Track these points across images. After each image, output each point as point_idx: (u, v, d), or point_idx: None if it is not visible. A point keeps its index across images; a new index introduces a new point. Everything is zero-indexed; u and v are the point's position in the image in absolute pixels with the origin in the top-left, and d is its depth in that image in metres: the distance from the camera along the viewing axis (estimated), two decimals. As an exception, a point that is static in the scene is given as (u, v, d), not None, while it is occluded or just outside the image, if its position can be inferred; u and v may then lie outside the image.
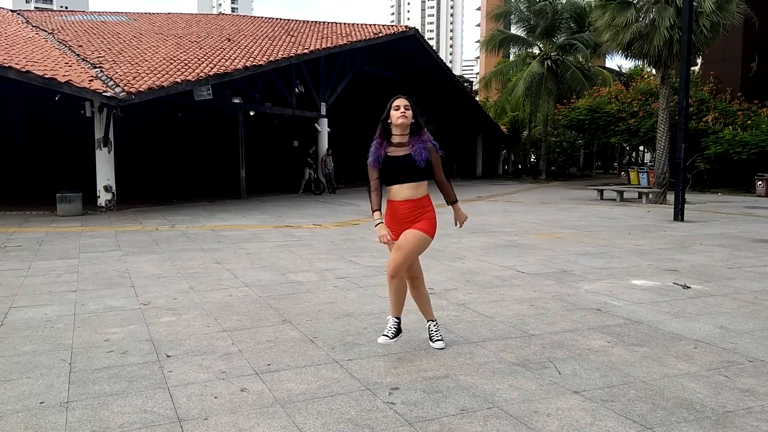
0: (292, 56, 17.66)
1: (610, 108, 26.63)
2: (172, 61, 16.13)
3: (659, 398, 3.18)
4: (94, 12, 28.29)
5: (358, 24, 24.24)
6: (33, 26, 20.20)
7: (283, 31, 22.66)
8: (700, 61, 26.56)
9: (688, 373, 3.56)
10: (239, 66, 15.82)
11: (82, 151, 18.44)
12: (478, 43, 41.37)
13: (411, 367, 3.64)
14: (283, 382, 3.40)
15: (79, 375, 3.51)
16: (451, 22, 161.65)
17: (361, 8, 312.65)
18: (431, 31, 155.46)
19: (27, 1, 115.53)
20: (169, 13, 28.58)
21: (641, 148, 39.26)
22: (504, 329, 4.45)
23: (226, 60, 16.60)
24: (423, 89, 27.27)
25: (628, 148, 40.57)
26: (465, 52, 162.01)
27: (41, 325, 4.56)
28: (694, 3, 13.91)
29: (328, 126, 21.69)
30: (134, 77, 14.15)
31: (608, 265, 7.20)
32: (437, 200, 3.91)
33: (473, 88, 46.43)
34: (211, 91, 15.37)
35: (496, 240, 9.31)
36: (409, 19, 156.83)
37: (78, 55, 16.02)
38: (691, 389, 3.30)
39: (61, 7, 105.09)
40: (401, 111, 3.70)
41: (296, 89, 20.32)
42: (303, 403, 3.11)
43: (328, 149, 21.34)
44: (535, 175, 34.49)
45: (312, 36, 21.31)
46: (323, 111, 21.38)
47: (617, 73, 34.64)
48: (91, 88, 12.80)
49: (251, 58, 16.86)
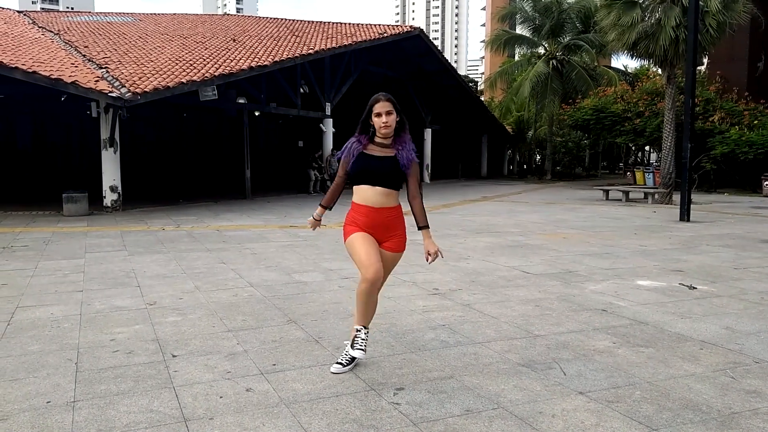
0: (296, 56, 17.68)
1: (616, 108, 26.55)
2: (177, 62, 16.18)
3: (665, 399, 3.17)
4: (100, 13, 28.40)
5: (362, 24, 24.25)
6: (39, 27, 20.29)
7: (288, 31, 22.70)
8: (706, 60, 26.40)
9: (694, 374, 3.55)
10: (244, 66, 15.85)
11: (88, 152, 18.53)
12: (483, 43, 41.28)
13: (416, 367, 3.64)
14: (288, 382, 3.41)
15: (86, 374, 3.52)
16: (456, 22, 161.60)
17: (365, 8, 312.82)
18: (436, 31, 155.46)
19: (33, 2, 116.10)
20: (174, 14, 28.66)
21: (647, 148, 39.12)
22: (509, 330, 4.44)
23: (231, 60, 16.63)
24: (428, 89, 27.26)
25: (633, 148, 40.47)
26: (470, 52, 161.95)
27: (48, 324, 4.58)
28: (701, 2, 13.85)
29: (333, 126, 21.71)
30: (140, 78, 14.20)
31: (614, 265, 7.18)
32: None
33: (478, 88, 46.37)
34: (216, 92, 15.39)
35: (501, 240, 9.30)
36: (414, 19, 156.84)
37: (84, 55, 16.08)
38: (697, 390, 3.29)
39: (67, 7, 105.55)
40: (383, 120, 3.34)
41: (301, 89, 20.35)
42: (308, 403, 3.11)
43: (333, 150, 21.35)
44: (541, 175, 34.42)
45: (317, 36, 21.34)
46: (328, 111, 21.40)
47: (623, 73, 34.52)
48: (97, 88, 12.85)
49: (256, 59, 16.89)
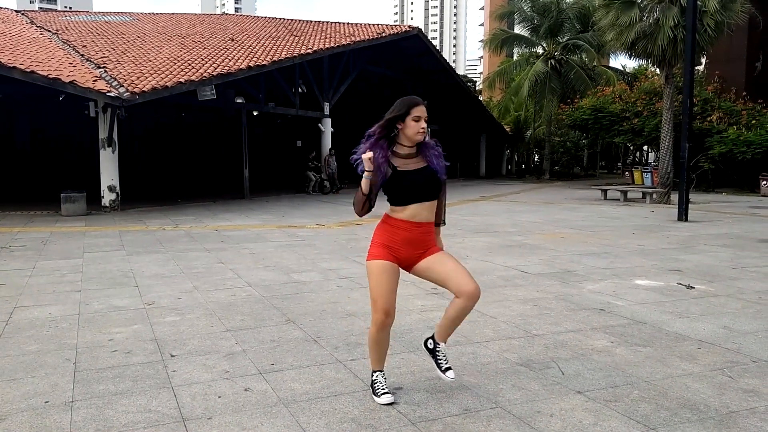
0: (295, 56, 17.67)
1: (614, 108, 26.57)
2: (175, 61, 16.17)
3: (663, 398, 3.18)
4: (98, 12, 28.36)
5: (361, 24, 24.24)
6: (37, 26, 20.27)
7: (287, 31, 22.69)
8: (704, 60, 26.43)
9: (692, 373, 3.55)
10: (242, 66, 15.85)
11: (86, 152, 18.50)
12: (481, 43, 41.24)
13: (414, 367, 3.65)
14: (286, 381, 3.41)
15: (84, 374, 3.52)
16: (455, 22, 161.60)
17: (364, 8, 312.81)
18: (434, 30, 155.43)
19: (31, 2, 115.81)
20: (172, 14, 28.63)
21: (645, 147, 39.16)
22: (507, 329, 4.45)
23: (230, 60, 16.63)
24: (426, 89, 27.25)
25: (632, 147, 40.51)
26: (468, 52, 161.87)
27: (46, 324, 4.58)
28: (699, 2, 13.86)
29: (332, 126, 21.71)
30: (138, 77, 14.19)
31: (612, 265, 7.19)
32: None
33: (477, 88, 46.38)
34: (214, 91, 15.39)
35: (500, 240, 9.30)
36: (412, 18, 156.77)
37: (82, 55, 16.07)
38: (695, 389, 3.30)
39: (65, 7, 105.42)
40: (422, 125, 2.99)
41: (299, 89, 20.35)
42: (306, 403, 3.12)
43: (330, 149, 21.34)
44: (539, 175, 34.44)
45: (315, 36, 21.33)
46: (326, 111, 21.40)
47: (621, 73, 34.55)
48: (95, 88, 12.84)
49: (254, 58, 16.89)
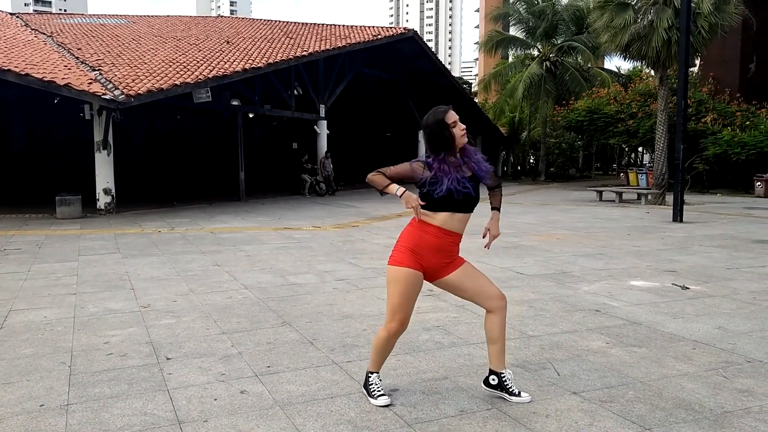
0: (290, 58, 17.67)
1: (609, 109, 26.66)
2: (171, 64, 16.15)
3: (658, 399, 3.19)
4: (93, 15, 28.31)
5: (356, 26, 24.25)
6: (32, 29, 20.21)
7: (282, 33, 22.69)
8: (698, 62, 26.57)
9: (687, 373, 3.57)
10: (238, 68, 15.83)
11: (81, 154, 18.44)
12: (476, 45, 41.34)
13: (410, 368, 3.65)
14: (282, 383, 3.41)
15: (79, 378, 3.51)
16: (450, 24, 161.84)
17: (359, 10, 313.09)
18: (430, 32, 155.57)
19: (26, 4, 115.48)
20: (168, 16, 28.59)
21: (640, 149, 39.33)
22: (503, 330, 4.45)
23: (225, 62, 16.61)
24: (422, 91, 27.28)
25: (627, 149, 40.64)
26: (464, 54, 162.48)
27: (41, 328, 4.56)
28: (692, 4, 13.93)
29: (328, 128, 21.70)
30: (133, 80, 14.16)
31: (607, 266, 7.21)
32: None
33: (472, 90, 46.47)
34: (210, 94, 15.37)
35: (495, 241, 9.31)
36: (407, 20, 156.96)
37: (77, 57, 16.03)
38: (690, 390, 3.31)
39: (60, 9, 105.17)
40: (462, 126, 2.99)
41: (295, 91, 20.33)
42: (302, 405, 3.12)
43: (326, 152, 21.35)
44: (534, 177, 34.50)
45: (311, 38, 21.33)
46: (322, 113, 21.39)
47: (616, 75, 34.68)
48: (91, 90, 12.81)
49: (250, 61, 16.87)
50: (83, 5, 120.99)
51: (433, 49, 29.09)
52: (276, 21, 26.72)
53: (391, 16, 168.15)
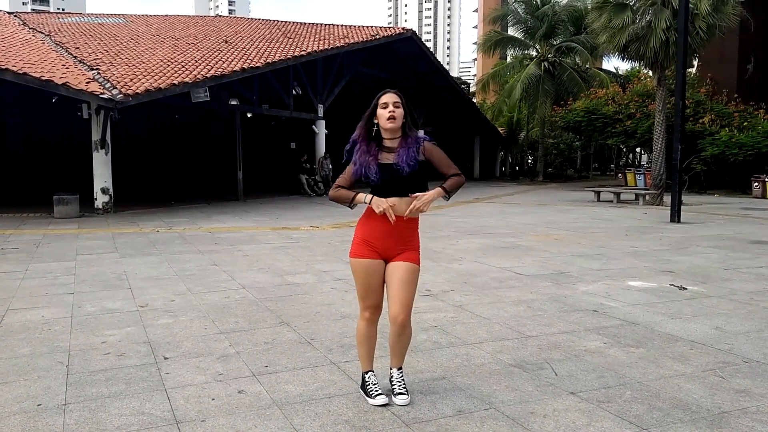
0: (289, 58, 17.66)
1: (607, 110, 26.67)
2: (169, 63, 16.13)
3: (655, 399, 3.19)
4: (91, 14, 28.26)
5: (355, 26, 24.24)
6: (30, 28, 20.16)
7: (280, 32, 22.67)
8: (696, 62, 26.59)
9: (684, 374, 3.57)
10: (236, 68, 15.82)
11: (79, 153, 18.41)
12: (475, 45, 41.35)
13: (408, 368, 3.65)
14: (280, 383, 3.41)
15: (77, 377, 3.51)
16: (449, 24, 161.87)
17: (357, 10, 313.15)
18: (428, 32, 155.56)
19: (24, 3, 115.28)
20: (166, 15, 28.56)
21: (638, 149, 39.34)
22: (501, 331, 4.46)
23: (224, 62, 16.60)
24: (420, 91, 27.29)
25: (625, 149, 40.67)
26: (462, 54, 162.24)
27: (38, 327, 4.56)
28: (690, 5, 13.95)
29: (326, 128, 21.69)
30: (131, 79, 14.14)
31: (605, 266, 7.22)
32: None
33: (470, 90, 46.47)
34: (208, 93, 15.35)
35: (493, 241, 9.32)
36: (406, 20, 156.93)
37: (75, 57, 16.00)
38: (687, 390, 3.32)
39: (58, 8, 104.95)
40: (390, 110, 2.98)
41: (293, 91, 20.32)
42: (300, 405, 3.12)
43: (325, 153, 21.35)
44: (533, 177, 34.51)
45: (309, 38, 21.32)
46: (320, 113, 21.38)
47: (614, 75, 34.69)
48: (88, 90, 12.79)
49: (248, 60, 16.86)
50: (81, 4, 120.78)
51: (431, 49, 29.09)
52: (274, 21, 26.70)
53: (390, 16, 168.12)
